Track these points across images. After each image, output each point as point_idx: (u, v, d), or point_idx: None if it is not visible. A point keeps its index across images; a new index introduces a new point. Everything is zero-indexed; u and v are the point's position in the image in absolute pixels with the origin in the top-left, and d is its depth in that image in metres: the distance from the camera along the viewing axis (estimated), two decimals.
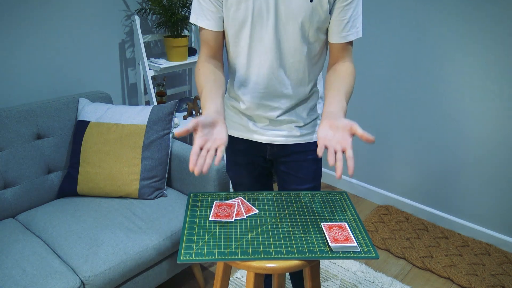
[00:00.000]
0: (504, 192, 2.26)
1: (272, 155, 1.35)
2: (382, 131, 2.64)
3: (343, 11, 1.12)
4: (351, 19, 1.14)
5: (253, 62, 1.18)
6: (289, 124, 1.28)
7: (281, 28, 1.12)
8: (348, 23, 1.14)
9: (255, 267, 0.95)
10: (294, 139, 1.30)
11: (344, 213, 1.13)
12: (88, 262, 1.48)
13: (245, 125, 1.31)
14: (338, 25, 1.14)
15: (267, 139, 1.30)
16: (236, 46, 1.18)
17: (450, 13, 2.18)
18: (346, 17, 1.13)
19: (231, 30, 1.16)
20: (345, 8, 1.12)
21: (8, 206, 1.74)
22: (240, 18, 1.12)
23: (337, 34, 1.16)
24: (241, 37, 1.16)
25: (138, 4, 2.31)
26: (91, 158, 1.84)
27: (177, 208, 1.82)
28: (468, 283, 2.07)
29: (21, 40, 1.90)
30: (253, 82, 1.21)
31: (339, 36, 1.16)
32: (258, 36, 1.14)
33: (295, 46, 1.15)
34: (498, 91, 2.14)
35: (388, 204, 2.74)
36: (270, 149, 1.33)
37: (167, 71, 2.33)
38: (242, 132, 1.32)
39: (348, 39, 1.16)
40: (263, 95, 1.22)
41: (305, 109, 1.28)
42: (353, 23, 1.15)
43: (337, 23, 1.14)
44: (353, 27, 1.15)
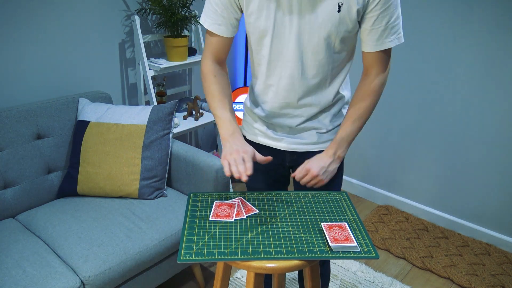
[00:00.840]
0: (504, 192, 2.26)
1: (291, 162, 1.32)
2: (383, 131, 2.64)
3: (378, 19, 1.04)
4: (389, 26, 1.05)
5: (274, 71, 1.15)
6: (310, 131, 1.25)
7: (305, 39, 1.07)
8: (385, 31, 1.06)
9: (255, 267, 0.95)
10: (315, 146, 1.26)
11: (344, 213, 1.13)
12: (88, 262, 1.48)
13: (264, 132, 1.28)
14: (374, 34, 1.07)
15: (287, 147, 1.27)
16: (258, 53, 1.15)
17: (456, 14, 2.18)
18: (381, 24, 1.05)
19: (252, 37, 1.13)
20: (380, 16, 1.03)
21: (8, 206, 1.74)
22: (261, 27, 1.08)
23: (372, 42, 1.08)
24: (262, 45, 1.12)
25: (138, 4, 2.31)
26: (91, 158, 1.84)
27: (177, 208, 1.82)
28: (468, 283, 2.07)
29: (21, 40, 1.90)
30: (273, 91, 1.18)
31: (374, 45, 1.09)
32: (279, 46, 1.09)
33: (319, 57, 1.10)
34: (499, 90, 2.14)
35: (388, 204, 2.74)
36: (290, 156, 1.30)
37: (167, 71, 2.33)
38: (262, 138, 1.30)
39: (384, 47, 1.08)
40: (284, 105, 1.19)
41: (328, 116, 1.24)
42: (392, 30, 1.06)
43: (372, 32, 1.06)
44: (391, 34, 1.07)
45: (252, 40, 1.14)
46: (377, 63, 1.13)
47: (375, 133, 2.68)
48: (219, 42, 1.16)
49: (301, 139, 1.26)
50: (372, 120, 2.66)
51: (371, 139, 2.72)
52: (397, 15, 1.06)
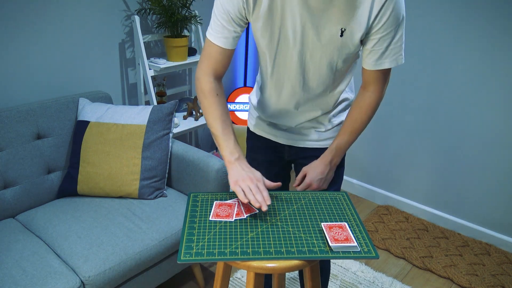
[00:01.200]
0: (504, 192, 2.26)
1: (290, 156, 1.36)
2: (383, 131, 2.64)
3: (379, 42, 1.06)
4: (389, 48, 1.07)
5: (277, 82, 1.19)
6: (309, 129, 1.29)
7: (307, 58, 1.10)
8: (385, 52, 1.07)
9: (255, 267, 0.95)
10: (313, 143, 1.30)
11: (344, 213, 1.13)
12: (88, 262, 1.48)
13: (266, 126, 1.34)
14: (373, 54, 1.08)
15: (286, 141, 1.32)
16: (263, 61, 1.19)
17: (455, 15, 2.18)
18: (382, 47, 1.06)
19: (257, 46, 1.16)
20: (381, 40, 1.05)
21: (8, 206, 1.74)
22: (264, 43, 1.11)
23: (371, 62, 1.10)
24: (266, 58, 1.15)
25: (138, 4, 2.31)
26: (91, 158, 1.84)
27: (177, 208, 1.82)
28: (468, 283, 2.07)
29: (21, 40, 1.90)
30: (275, 100, 1.23)
31: (372, 64, 1.11)
32: (282, 62, 1.13)
33: (320, 73, 1.14)
34: (499, 90, 2.14)
35: (388, 204, 2.74)
36: (289, 150, 1.35)
37: (167, 71, 2.33)
38: (263, 131, 1.35)
39: (382, 67, 1.10)
40: (284, 111, 1.25)
41: (326, 117, 1.28)
42: (392, 51, 1.08)
43: (372, 53, 1.08)
44: (391, 55, 1.08)
45: (258, 47, 1.17)
46: (374, 81, 1.15)
47: (375, 133, 2.68)
48: (220, 54, 1.13)
49: (301, 135, 1.30)
50: (373, 120, 2.66)
51: (371, 139, 2.72)
52: (399, 37, 1.06)
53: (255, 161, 1.41)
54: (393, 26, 1.03)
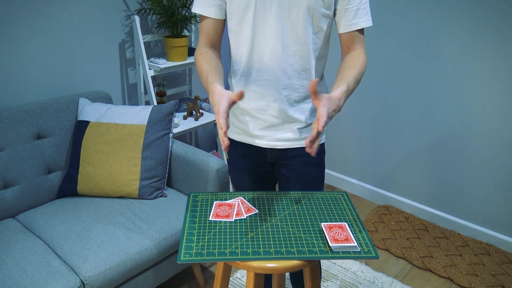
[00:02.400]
0: (504, 192, 2.26)
1: (272, 158, 1.33)
2: (383, 132, 2.64)
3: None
4: (361, 6, 1.13)
5: (256, 50, 1.17)
6: (289, 124, 1.25)
7: (285, 15, 1.11)
8: (359, 10, 1.13)
9: (255, 267, 0.95)
10: (295, 143, 1.27)
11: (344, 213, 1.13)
12: (88, 262, 1.48)
13: (245, 129, 1.29)
14: (347, 13, 1.13)
15: (267, 144, 1.28)
16: (239, 35, 1.18)
17: (456, 13, 2.18)
18: (354, 3, 1.12)
19: (233, 18, 1.16)
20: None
21: (8, 206, 1.74)
22: (243, 4, 1.12)
23: (346, 22, 1.14)
24: (244, 24, 1.15)
25: (138, 4, 2.31)
26: (91, 158, 1.84)
27: (177, 208, 1.82)
28: (468, 283, 2.07)
29: (21, 40, 1.90)
30: (256, 70, 1.19)
31: (347, 24, 1.14)
32: (261, 22, 1.13)
33: (299, 34, 1.13)
34: (498, 89, 2.14)
35: (388, 204, 2.74)
36: (270, 152, 1.32)
37: (167, 71, 2.33)
38: (243, 136, 1.31)
39: (359, 26, 1.14)
40: (266, 84, 1.19)
41: (307, 109, 1.25)
42: (363, 10, 1.14)
43: (346, 12, 1.13)
44: (363, 14, 1.14)
45: (233, 21, 1.17)
46: (355, 43, 1.17)
47: (375, 133, 2.68)
48: (209, 24, 1.20)
49: (281, 134, 1.26)
50: (372, 120, 2.66)
51: (371, 139, 2.72)
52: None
53: (237, 168, 1.39)
54: None
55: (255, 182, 1.41)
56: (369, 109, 2.66)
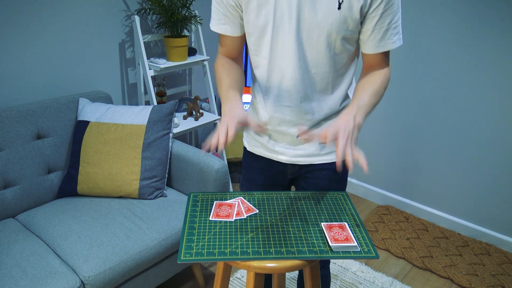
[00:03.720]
0: (504, 192, 2.26)
1: (293, 174, 1.27)
2: (383, 132, 2.64)
3: (381, 19, 1.01)
4: (391, 26, 1.02)
5: (274, 73, 1.10)
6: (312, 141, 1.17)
7: (305, 37, 1.03)
8: (388, 31, 1.03)
9: (255, 267, 0.95)
10: (317, 159, 1.21)
11: (344, 213, 1.13)
12: (88, 262, 1.48)
13: (265, 144, 1.23)
14: (374, 34, 1.03)
15: (289, 160, 1.21)
16: (257, 55, 1.11)
17: (452, 14, 2.18)
18: (384, 24, 1.01)
19: (251, 37, 1.10)
20: (383, 15, 1.00)
21: (8, 206, 1.74)
22: (260, 24, 1.05)
23: (372, 43, 1.05)
24: (262, 45, 1.08)
25: (138, 4, 2.31)
26: (91, 158, 1.84)
27: (177, 208, 1.82)
28: (468, 283, 2.07)
29: (21, 40, 1.90)
30: (274, 95, 1.13)
31: (374, 46, 1.05)
32: (279, 44, 1.05)
33: (319, 57, 1.06)
34: (498, 89, 2.14)
35: (388, 204, 2.74)
36: (291, 168, 1.26)
37: (167, 71, 2.33)
38: (263, 150, 1.25)
39: (385, 48, 1.06)
40: (285, 110, 1.14)
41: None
42: (394, 30, 1.03)
43: (373, 32, 1.03)
44: (393, 34, 1.04)
45: (251, 41, 1.11)
46: (379, 65, 1.10)
47: (375, 133, 2.68)
48: (228, 40, 1.15)
49: (303, 150, 1.20)
50: (372, 120, 2.66)
51: (371, 139, 2.72)
52: (399, 16, 1.03)
53: (251, 182, 1.32)
54: (394, 0, 0.99)
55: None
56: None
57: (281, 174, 1.28)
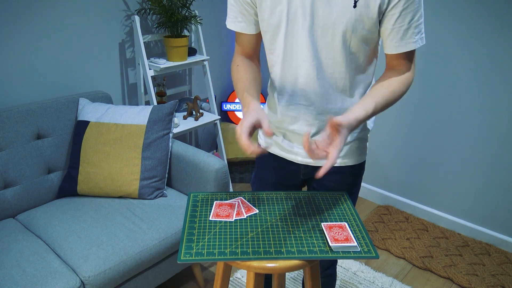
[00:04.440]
0: (504, 192, 2.26)
1: (306, 175, 1.26)
2: (383, 132, 2.64)
3: (400, 17, 0.96)
4: (412, 25, 0.98)
5: (289, 72, 1.09)
6: None
7: (319, 35, 1.01)
8: (408, 30, 0.98)
9: (255, 267, 0.95)
10: None
11: (344, 213, 1.13)
12: (88, 262, 1.48)
13: (280, 143, 1.22)
14: (394, 33, 0.99)
15: (302, 160, 1.20)
16: (272, 54, 1.10)
17: (450, 13, 2.18)
18: (404, 22, 0.97)
19: (266, 36, 1.09)
20: (402, 13, 0.96)
21: (8, 206, 1.74)
22: (274, 23, 1.04)
23: (392, 43, 1.01)
24: (276, 44, 1.07)
25: (138, 4, 2.31)
26: (91, 158, 1.84)
27: (177, 208, 1.82)
28: (468, 283, 2.07)
29: (21, 40, 1.90)
30: (289, 94, 1.12)
31: (394, 46, 1.01)
32: (293, 43, 1.04)
33: (335, 56, 1.03)
34: (498, 89, 2.14)
35: (388, 204, 2.74)
36: (304, 169, 1.24)
37: (167, 71, 2.33)
38: (277, 149, 1.24)
39: (406, 48, 1.01)
40: (299, 108, 1.12)
41: None
42: (416, 29, 0.99)
43: (392, 32, 0.99)
44: (415, 33, 0.99)
45: (266, 39, 1.10)
46: (400, 66, 1.05)
47: (375, 133, 2.68)
48: (244, 38, 1.14)
49: None
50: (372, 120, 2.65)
51: (371, 139, 2.72)
52: (421, 14, 0.98)
53: (263, 181, 1.31)
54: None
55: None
56: None
57: (293, 174, 1.27)
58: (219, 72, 2.98)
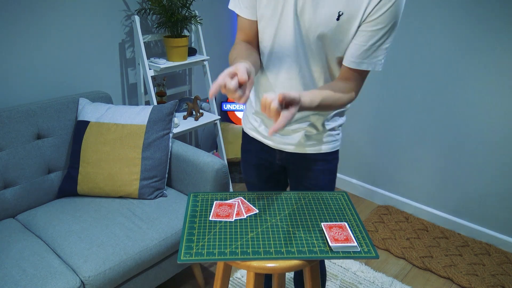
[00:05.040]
0: (504, 192, 2.26)
1: (281, 160, 1.33)
2: (383, 131, 2.64)
3: (365, 37, 1.01)
4: (372, 48, 1.02)
5: (274, 64, 1.14)
6: (299, 132, 1.24)
7: (303, 36, 1.07)
8: (368, 51, 1.02)
9: (255, 267, 0.95)
10: (303, 149, 1.27)
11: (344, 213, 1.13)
12: (88, 262, 1.48)
13: (257, 127, 1.31)
14: (355, 49, 1.03)
15: (276, 146, 1.29)
16: (261, 43, 1.16)
17: (457, 12, 2.18)
18: (366, 43, 1.01)
19: (259, 24, 1.14)
20: (369, 34, 1.00)
21: (8, 206, 1.74)
22: (268, 15, 1.09)
23: (350, 58, 1.05)
24: (265, 34, 1.12)
25: (138, 4, 2.31)
26: (91, 158, 1.84)
27: (177, 208, 1.82)
28: (468, 283, 2.07)
29: (21, 40, 1.90)
30: (270, 84, 1.18)
31: (350, 61, 1.05)
32: (281, 38, 1.09)
33: (314, 58, 1.10)
34: (497, 89, 2.14)
35: (388, 204, 2.74)
36: (279, 154, 1.32)
37: (167, 71, 2.33)
38: (254, 132, 1.33)
39: (359, 67, 1.05)
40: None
41: (319, 119, 1.22)
42: (374, 53, 1.02)
43: (354, 47, 1.03)
44: (371, 57, 1.03)
45: (260, 26, 1.14)
46: (351, 81, 1.08)
47: (375, 133, 2.68)
48: (245, 23, 1.16)
49: (289, 139, 1.26)
50: (373, 120, 2.66)
51: (371, 139, 2.72)
52: (388, 41, 1.02)
53: (247, 163, 1.41)
54: (386, 23, 0.98)
55: (262, 181, 1.41)
56: (369, 109, 2.66)
57: (270, 158, 1.35)
58: (219, 72, 2.98)
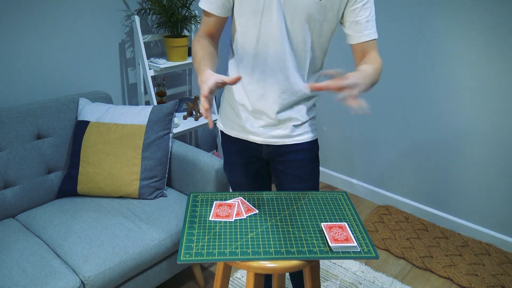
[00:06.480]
0: (504, 192, 2.26)
1: (268, 154, 1.35)
2: (383, 131, 2.64)
3: (361, 11, 1.14)
4: (371, 18, 1.16)
5: (260, 52, 1.19)
6: (286, 123, 1.27)
7: (289, 20, 1.14)
8: (369, 22, 1.16)
9: (255, 267, 0.96)
10: (290, 140, 1.29)
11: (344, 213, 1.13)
12: (88, 262, 1.48)
13: (242, 125, 1.30)
14: (358, 25, 1.16)
15: (263, 140, 1.29)
16: (245, 36, 1.19)
17: (448, 10, 2.18)
18: (365, 15, 1.15)
19: (242, 18, 1.18)
20: (363, 8, 1.14)
21: (8, 206, 1.74)
22: (251, 7, 1.14)
23: (357, 34, 1.17)
24: (249, 26, 1.17)
25: (138, 4, 2.31)
26: (91, 158, 1.84)
27: (177, 208, 1.82)
28: (468, 283, 2.07)
29: (21, 40, 1.90)
30: (259, 72, 1.21)
31: (359, 36, 1.17)
32: (267, 25, 1.14)
33: (302, 40, 1.16)
34: (497, 89, 2.14)
35: (388, 204, 2.74)
36: (266, 148, 1.33)
37: (167, 71, 2.33)
38: (238, 132, 1.32)
39: (370, 37, 1.17)
40: (267, 85, 1.22)
41: (305, 107, 1.28)
42: (373, 23, 1.17)
43: (357, 24, 1.16)
44: (373, 26, 1.17)
45: (240, 21, 1.18)
46: (370, 51, 1.19)
47: (375, 133, 2.68)
48: (211, 20, 1.22)
49: (277, 131, 1.28)
50: (372, 120, 2.66)
51: (371, 139, 2.72)
52: (374, 12, 1.17)
53: (232, 164, 1.40)
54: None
55: (250, 178, 1.41)
56: (369, 109, 2.66)
57: (257, 154, 1.35)
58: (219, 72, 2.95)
